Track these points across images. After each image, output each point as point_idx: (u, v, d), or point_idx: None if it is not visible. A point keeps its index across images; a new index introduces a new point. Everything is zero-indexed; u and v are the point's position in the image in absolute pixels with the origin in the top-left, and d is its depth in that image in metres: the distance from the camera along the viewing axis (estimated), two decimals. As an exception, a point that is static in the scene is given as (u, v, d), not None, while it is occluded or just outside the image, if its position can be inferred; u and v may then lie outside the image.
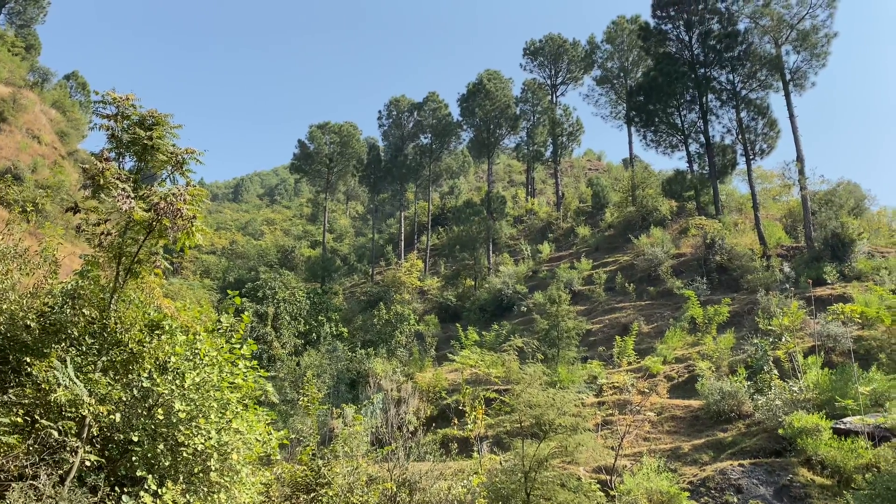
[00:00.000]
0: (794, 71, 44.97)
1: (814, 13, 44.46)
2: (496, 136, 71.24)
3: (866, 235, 38.31)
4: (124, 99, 9.85)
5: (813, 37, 44.17)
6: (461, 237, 60.86)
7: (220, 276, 68.25)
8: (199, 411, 9.27)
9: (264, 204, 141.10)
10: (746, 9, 46.85)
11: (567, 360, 32.47)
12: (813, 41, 44.20)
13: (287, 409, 29.00)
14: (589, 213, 65.25)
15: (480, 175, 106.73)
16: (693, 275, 40.55)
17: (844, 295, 31.33)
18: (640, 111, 53.40)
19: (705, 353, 28.98)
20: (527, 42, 76.93)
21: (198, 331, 10.38)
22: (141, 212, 9.12)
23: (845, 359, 24.05)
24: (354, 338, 44.22)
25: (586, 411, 24.13)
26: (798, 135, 43.97)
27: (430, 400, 30.41)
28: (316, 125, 79.43)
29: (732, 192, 55.85)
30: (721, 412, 23.46)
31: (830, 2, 44.26)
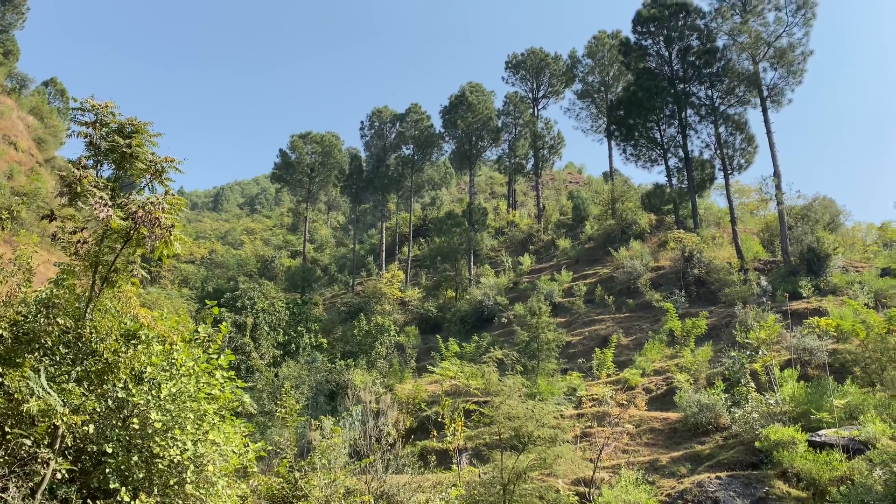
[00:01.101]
0: (771, 87, 45.69)
1: (790, 31, 45.32)
2: (478, 148, 71.53)
3: (841, 250, 38.88)
4: (103, 106, 9.78)
5: (789, 54, 44.94)
6: (443, 248, 60.88)
7: (199, 285, 67.67)
8: (174, 422, 9.16)
9: (244, 213, 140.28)
10: (725, 26, 47.60)
11: (547, 371, 32.54)
12: (789, 59, 44.96)
13: (265, 421, 28.74)
14: (569, 225, 65.63)
15: (462, 186, 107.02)
16: (672, 288, 40.88)
17: (820, 309, 31.73)
18: (621, 125, 53.93)
19: (683, 366, 29.18)
20: (509, 55, 77.52)
21: (175, 341, 10.27)
22: (118, 220, 9.04)
23: (821, 372, 24.33)
24: (334, 349, 43.99)
25: (565, 423, 24.16)
26: (775, 150, 44.66)
27: (409, 412, 30.30)
28: (298, 135, 79.29)
29: (711, 206, 56.50)
30: (699, 425, 23.61)
31: (806, 21, 45.12)
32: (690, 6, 49.72)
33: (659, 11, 50.27)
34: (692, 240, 43.08)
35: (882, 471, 15.99)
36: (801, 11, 45.02)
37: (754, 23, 45.89)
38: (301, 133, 79.48)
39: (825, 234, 39.35)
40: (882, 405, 20.52)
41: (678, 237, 44.67)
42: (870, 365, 23.28)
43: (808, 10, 44.94)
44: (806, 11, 44.98)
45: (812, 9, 44.92)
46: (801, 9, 44.99)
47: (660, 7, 50.52)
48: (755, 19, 46.08)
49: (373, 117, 79.82)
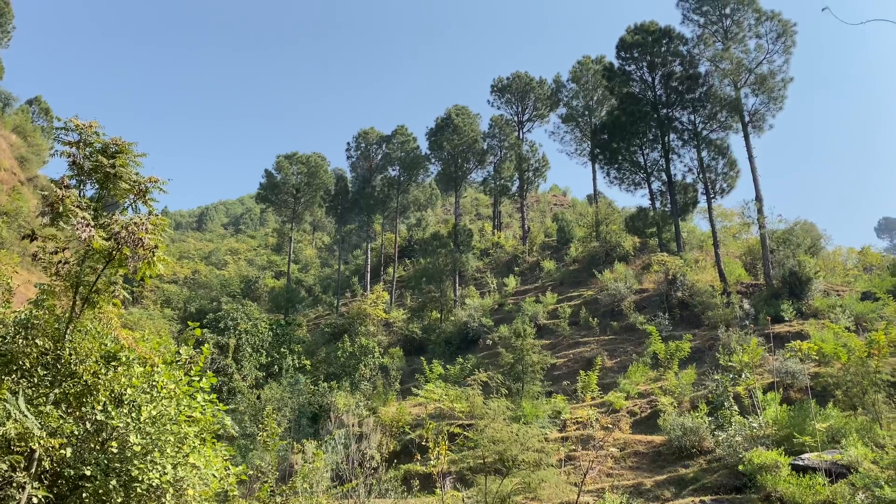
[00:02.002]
0: (752, 113, 46.37)
1: (771, 58, 46.11)
2: (464, 169, 71.89)
3: (822, 274, 39.28)
4: (87, 126, 9.74)
5: (770, 81, 45.68)
6: (428, 269, 60.83)
7: (182, 306, 67.04)
8: (154, 445, 9.03)
9: (229, 233, 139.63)
10: (707, 52, 48.37)
11: (531, 394, 32.44)
12: (770, 85, 45.70)
13: (246, 444, 28.35)
14: (554, 247, 65.90)
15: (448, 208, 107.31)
16: (655, 310, 41.04)
17: (802, 332, 31.96)
18: (605, 149, 54.43)
19: (667, 389, 29.22)
20: (494, 79, 78.28)
21: (156, 363, 10.15)
22: (101, 240, 8.96)
23: (803, 395, 24.45)
24: (317, 370, 43.60)
25: (549, 447, 24.07)
26: (757, 175, 45.16)
27: (393, 435, 30.04)
28: (283, 155, 79.27)
29: (694, 229, 56.99)
30: (683, 448, 23.59)
31: (786, 48, 45.94)
32: (673, 33, 50.51)
33: (642, 38, 51.02)
34: (675, 263, 43.37)
35: (864, 495, 16.05)
36: (780, 39, 45.86)
37: (736, 49, 46.67)
38: (287, 154, 79.52)
39: (806, 257, 39.76)
40: (864, 429, 20.64)
41: (662, 260, 44.95)
42: (851, 388, 23.41)
43: (787, 37, 45.78)
44: (786, 39, 45.82)
45: (792, 37, 45.77)
46: (780, 36, 45.83)
47: (643, 33, 51.29)
48: (736, 46, 46.88)
49: (359, 138, 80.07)
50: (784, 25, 45.73)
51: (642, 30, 51.61)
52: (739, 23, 47.59)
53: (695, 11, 49.14)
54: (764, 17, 46.51)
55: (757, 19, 46.85)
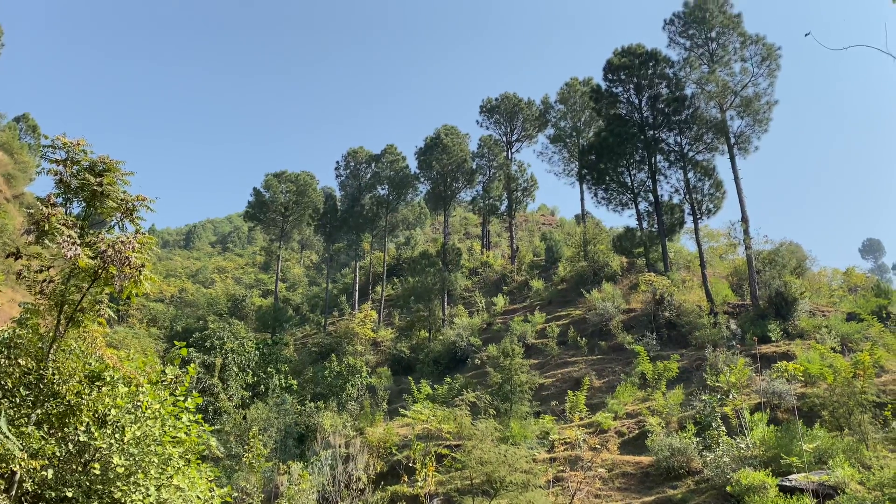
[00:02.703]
0: (738, 135, 46.89)
1: (756, 81, 46.74)
2: (453, 189, 72.11)
3: (808, 294, 39.55)
4: (75, 144, 9.72)
5: (755, 103, 46.27)
6: (416, 288, 60.74)
7: (168, 324, 66.52)
8: (138, 467, 8.93)
9: (216, 251, 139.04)
10: (693, 75, 48.95)
11: (520, 414, 32.32)
12: (755, 107, 46.29)
13: (232, 465, 28.03)
14: (542, 266, 66.02)
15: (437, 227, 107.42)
16: (643, 330, 41.12)
17: (788, 352, 32.11)
18: (592, 169, 54.77)
19: (655, 409, 29.20)
20: (483, 100, 78.83)
21: (141, 382, 10.06)
22: (87, 259, 8.91)
23: (790, 416, 24.51)
24: (304, 390, 43.29)
25: (538, 468, 23.96)
26: (743, 196, 45.58)
27: (380, 456, 29.80)
28: (272, 174, 79.23)
29: (680, 249, 57.27)
30: (671, 469, 23.54)
31: (771, 72, 46.62)
32: (659, 55, 51.12)
33: (629, 60, 51.59)
34: (663, 283, 43.54)
35: (851, 516, 16.06)
36: (765, 62, 46.54)
37: (721, 72, 47.28)
38: (276, 172, 79.50)
39: (792, 278, 40.04)
40: (850, 449, 20.71)
41: (649, 280, 45.12)
42: (838, 409, 23.51)
43: (772, 61, 46.47)
44: (770, 63, 46.50)
45: (776, 60, 46.47)
46: (765, 60, 46.51)
47: (630, 56, 51.86)
48: (722, 69, 47.51)
49: (348, 157, 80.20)
50: (768, 49, 46.43)
51: (629, 52, 52.20)
52: (725, 46, 48.29)
53: (681, 35, 49.85)
54: (749, 41, 47.22)
55: (742, 43, 47.56)
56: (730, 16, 48.06)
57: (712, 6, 48.37)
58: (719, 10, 48.24)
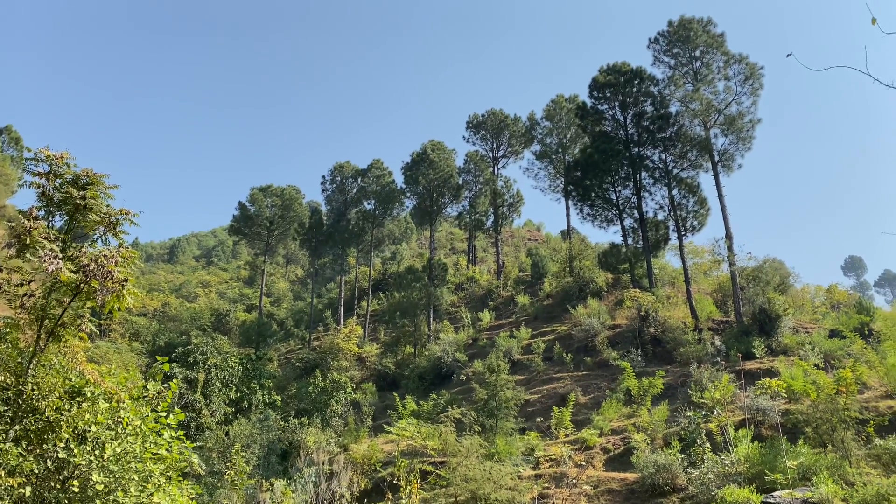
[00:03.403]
0: (722, 153, 47.39)
1: (739, 100, 47.34)
2: (439, 204, 72.23)
3: (791, 311, 39.87)
4: (58, 157, 9.65)
5: (739, 122, 46.84)
6: (402, 303, 60.58)
7: (151, 339, 65.80)
8: (118, 484, 8.79)
9: (200, 266, 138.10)
10: (678, 93, 49.51)
11: (505, 431, 32.21)
12: (739, 126, 46.85)
13: (214, 482, 27.66)
14: (528, 282, 66.13)
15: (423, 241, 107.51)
16: (628, 346, 41.22)
17: (772, 369, 32.29)
18: (578, 186, 55.10)
19: (640, 425, 29.21)
20: (470, 116, 79.26)
21: (122, 398, 9.92)
22: (69, 273, 8.81)
23: (774, 432, 24.60)
24: (288, 406, 42.90)
25: (523, 485, 23.85)
26: (727, 213, 45.99)
27: (364, 473, 29.55)
28: (258, 188, 79.05)
29: (665, 265, 57.62)
30: (656, 485, 23.51)
31: (754, 90, 47.26)
32: (644, 73, 51.68)
33: (614, 78, 52.11)
34: (648, 299, 43.74)
35: (835, 533, 16.10)
36: (748, 81, 47.18)
37: (705, 91, 47.87)
38: (261, 186, 79.34)
39: (776, 295, 40.35)
40: (834, 466, 20.80)
41: (634, 296, 45.31)
42: (821, 425, 23.63)
43: (755, 80, 47.12)
44: (753, 82, 47.15)
45: (759, 79, 47.12)
46: (748, 79, 47.15)
47: (615, 74, 52.40)
48: (706, 87, 48.10)
49: (335, 172, 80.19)
50: (751, 68, 47.09)
51: (614, 70, 52.74)
52: (709, 65, 48.92)
53: (665, 53, 50.47)
54: (732, 60, 47.88)
55: (725, 62, 48.21)
56: (713, 35, 48.74)
57: (696, 26, 49.04)
58: (703, 29, 48.91)
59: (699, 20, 49.25)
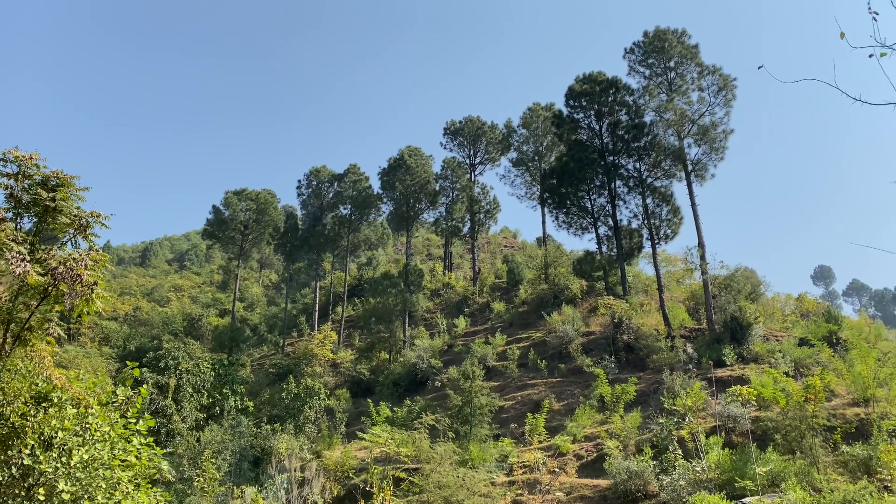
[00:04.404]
0: (695, 162, 47.99)
1: (713, 110, 47.99)
2: (416, 210, 72.24)
3: (762, 319, 40.41)
4: (27, 158, 9.49)
5: (712, 132, 47.48)
6: (377, 309, 60.39)
7: (121, 343, 64.85)
8: (84, 491, 8.63)
9: (173, 270, 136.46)
10: (652, 103, 50.07)
11: (479, 437, 32.21)
12: (712, 136, 47.48)
13: (184, 489, 27.29)
14: (504, 288, 66.32)
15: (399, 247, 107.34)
16: (602, 353, 41.50)
17: (743, 376, 32.68)
18: (553, 194, 55.44)
19: (613, 432, 29.39)
20: (447, 122, 79.43)
21: (90, 404, 9.76)
22: (36, 276, 8.66)
23: (744, 439, 24.90)
24: (261, 412, 42.51)
25: (496, 491, 23.86)
26: (699, 222, 46.53)
27: (337, 479, 29.35)
28: (232, 191, 78.30)
29: (639, 273, 58.16)
30: (628, 492, 23.65)
31: (727, 101, 47.93)
32: (620, 83, 52.22)
33: (590, 87, 52.57)
34: (621, 306, 44.08)
35: (803, 538, 16.31)
36: (721, 93, 47.85)
37: (679, 101, 48.45)
38: (236, 189, 78.62)
39: (747, 303, 40.89)
40: (802, 473, 21.10)
41: (608, 303, 45.65)
42: (790, 432, 23.96)
43: (728, 91, 47.81)
44: (726, 93, 47.83)
45: (732, 90, 47.81)
46: (721, 90, 47.82)
47: (591, 83, 52.87)
48: (680, 98, 48.69)
49: (311, 176, 79.78)
50: (725, 80, 47.78)
51: (590, 79, 53.21)
52: (683, 76, 49.54)
53: (640, 64, 51.03)
54: (706, 72, 48.53)
55: (699, 73, 48.86)
56: (688, 46, 49.39)
57: (671, 37, 49.67)
58: (678, 40, 49.55)
59: (674, 31, 49.89)
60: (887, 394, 26.48)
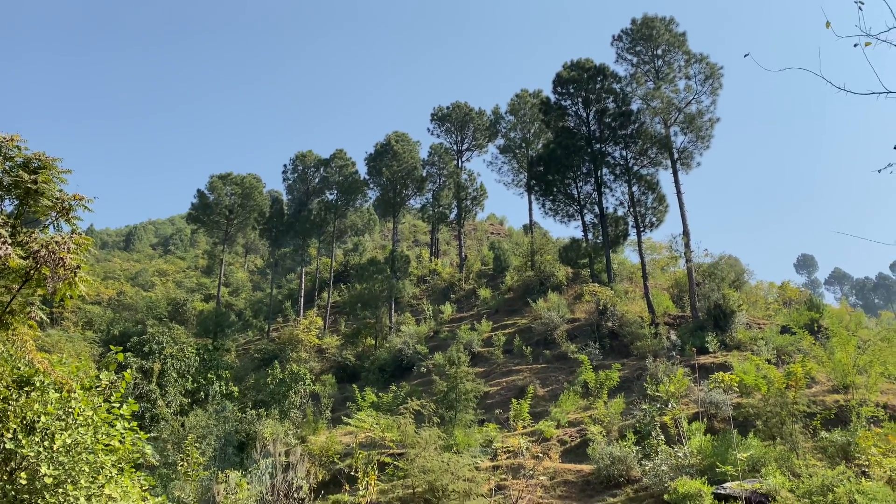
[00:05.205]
0: (681, 151, 48.17)
1: (699, 99, 48.16)
2: (402, 196, 72.05)
3: (745, 307, 40.81)
4: (8, 139, 9.36)
5: (698, 120, 47.66)
6: (363, 295, 60.35)
7: (105, 328, 64.44)
8: (67, 476, 8.60)
9: (158, 254, 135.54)
10: (639, 91, 50.16)
11: (464, 423, 32.37)
12: (698, 124, 47.66)
13: (168, 473, 27.24)
14: (490, 275, 66.47)
15: (385, 233, 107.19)
16: (587, 339, 41.76)
17: (725, 363, 33.01)
18: (540, 181, 55.49)
19: (597, 418, 29.63)
20: (435, 108, 79.13)
21: (73, 388, 9.70)
22: (18, 259, 8.57)
23: (726, 425, 25.19)
24: (246, 397, 42.42)
25: (480, 476, 24.01)
26: (685, 210, 46.81)
27: (322, 464, 29.42)
28: (217, 175, 77.78)
29: (624, 261, 58.44)
30: (611, 477, 23.89)
31: (713, 90, 48.11)
32: (607, 70, 52.20)
33: (578, 74, 52.52)
34: (606, 294, 44.33)
35: (782, 523, 16.56)
36: (708, 81, 48.00)
37: (666, 89, 48.55)
38: (221, 174, 78.08)
39: (730, 291, 41.25)
40: (782, 458, 21.39)
41: (593, 290, 45.88)
42: (771, 419, 24.26)
43: (715, 80, 47.97)
44: (713, 81, 47.99)
45: (719, 79, 47.98)
46: (708, 78, 47.97)
47: (579, 70, 52.81)
48: (667, 86, 48.79)
49: (296, 161, 79.32)
50: (711, 68, 47.92)
51: (578, 66, 53.14)
52: (670, 64, 49.63)
53: (628, 51, 51.04)
54: (693, 60, 48.64)
55: (686, 61, 48.96)
56: (675, 34, 49.44)
57: (659, 24, 49.67)
58: (665, 28, 49.57)
59: (662, 19, 49.89)
60: (866, 381, 26.87)
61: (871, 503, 15.37)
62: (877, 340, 35.96)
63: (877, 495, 15.75)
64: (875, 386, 26.59)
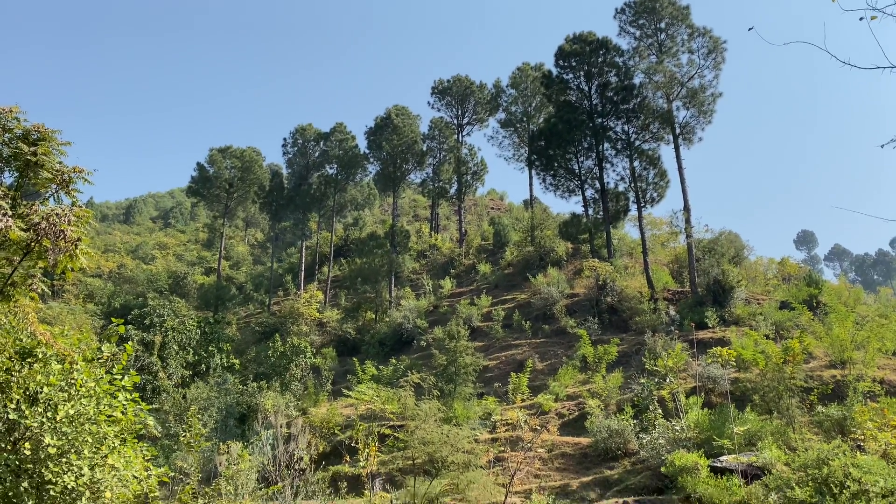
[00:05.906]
0: (683, 126, 47.89)
1: (702, 73, 47.74)
2: (402, 170, 71.74)
3: (744, 283, 40.89)
4: (7, 111, 9.32)
5: (701, 95, 47.30)
6: (364, 269, 60.45)
7: (106, 301, 64.64)
8: (71, 446, 8.69)
9: (158, 227, 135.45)
10: (642, 65, 49.71)
11: (464, 396, 32.64)
12: (700, 99, 47.32)
13: (170, 444, 27.55)
14: (490, 250, 66.51)
15: (386, 208, 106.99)
16: (586, 314, 41.92)
17: (724, 338, 33.18)
18: (541, 155, 55.24)
19: (595, 392, 29.87)
20: (435, 81, 78.47)
21: (76, 359, 9.76)
22: (18, 231, 8.58)
23: (723, 399, 25.40)
24: (247, 370, 42.74)
25: (479, 448, 24.26)
26: (686, 185, 46.67)
27: (323, 436, 29.71)
28: (217, 149, 77.41)
29: (624, 236, 58.44)
30: (609, 450, 24.15)
31: (716, 64, 47.67)
32: (610, 44, 51.70)
33: (580, 47, 52.01)
34: (606, 269, 44.38)
35: (777, 495, 16.79)
36: (711, 55, 47.55)
37: (669, 63, 48.12)
38: (220, 147, 77.70)
39: (730, 267, 41.29)
40: (778, 432, 21.61)
41: (593, 266, 45.93)
42: (768, 393, 24.46)
43: (718, 54, 47.52)
44: (716, 55, 47.54)
45: (722, 53, 47.52)
46: (711, 52, 47.52)
47: (581, 43, 52.29)
48: (670, 60, 48.35)
49: (296, 135, 78.84)
50: (715, 42, 47.45)
51: (580, 39, 52.62)
52: (673, 37, 49.12)
53: (631, 24, 50.48)
54: (696, 34, 48.14)
55: (690, 35, 48.45)
56: (679, 7, 48.87)
57: (662, -3, 49.06)
58: (669, 1, 48.99)
59: (665, -9, 49.26)
60: (863, 356, 27.04)
61: (866, 476, 15.54)
62: (875, 316, 36.13)
63: (871, 468, 15.93)
64: (872, 361, 26.76)
